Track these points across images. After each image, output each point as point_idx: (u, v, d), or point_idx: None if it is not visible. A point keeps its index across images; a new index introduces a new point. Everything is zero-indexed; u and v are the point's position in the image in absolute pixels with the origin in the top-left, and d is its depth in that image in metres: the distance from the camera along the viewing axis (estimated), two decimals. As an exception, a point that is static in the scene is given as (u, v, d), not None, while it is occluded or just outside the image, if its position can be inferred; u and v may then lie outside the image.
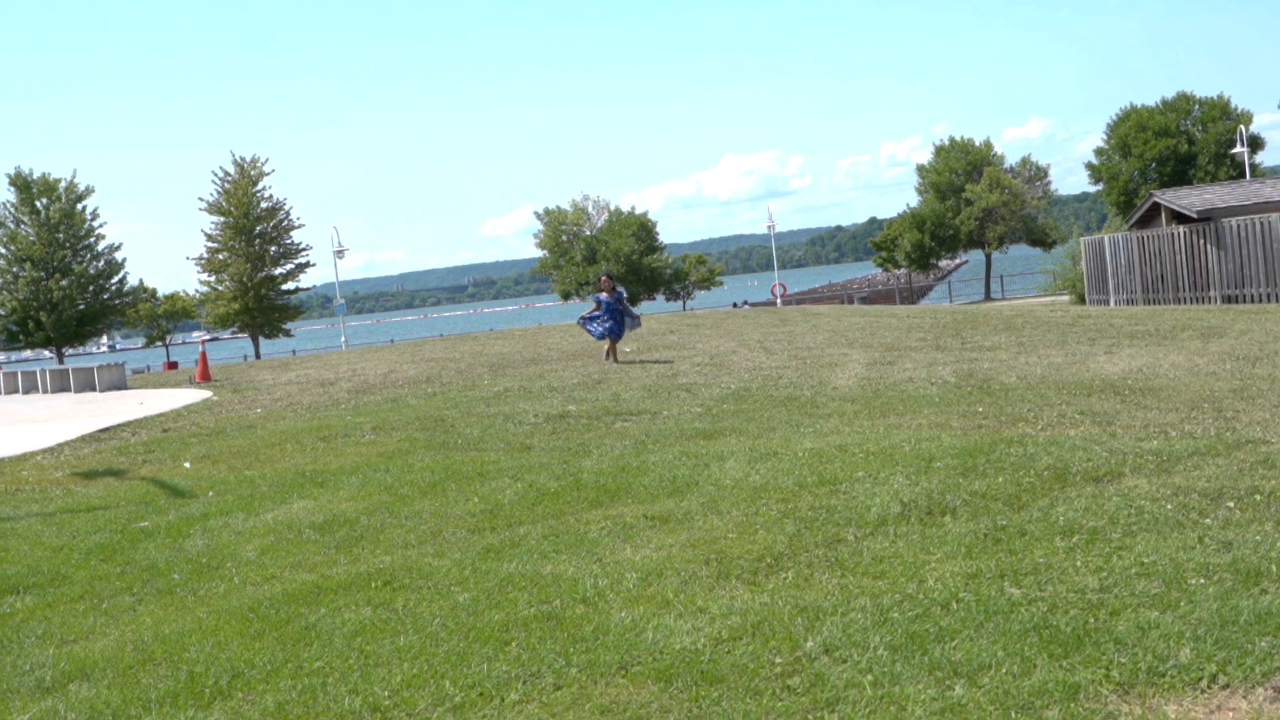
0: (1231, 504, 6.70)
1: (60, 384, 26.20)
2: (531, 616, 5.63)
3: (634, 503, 8.11)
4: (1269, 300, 26.69)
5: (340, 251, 52.64)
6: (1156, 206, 33.20)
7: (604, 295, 19.78)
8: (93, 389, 25.19)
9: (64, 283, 53.88)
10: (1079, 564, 5.72)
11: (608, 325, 19.59)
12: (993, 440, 9.29)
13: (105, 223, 55.77)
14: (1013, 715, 4.02)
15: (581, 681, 4.69)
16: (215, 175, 57.45)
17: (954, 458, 8.64)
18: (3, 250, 54.70)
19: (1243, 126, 54.74)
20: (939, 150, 71.26)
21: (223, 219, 57.26)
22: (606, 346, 19.80)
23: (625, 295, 20.15)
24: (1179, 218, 31.40)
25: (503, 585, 6.27)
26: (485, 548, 7.20)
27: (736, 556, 6.37)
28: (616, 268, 71.14)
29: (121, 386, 25.56)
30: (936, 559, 6.01)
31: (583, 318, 20.31)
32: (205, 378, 25.83)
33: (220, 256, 57.86)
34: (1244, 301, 27.18)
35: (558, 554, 6.84)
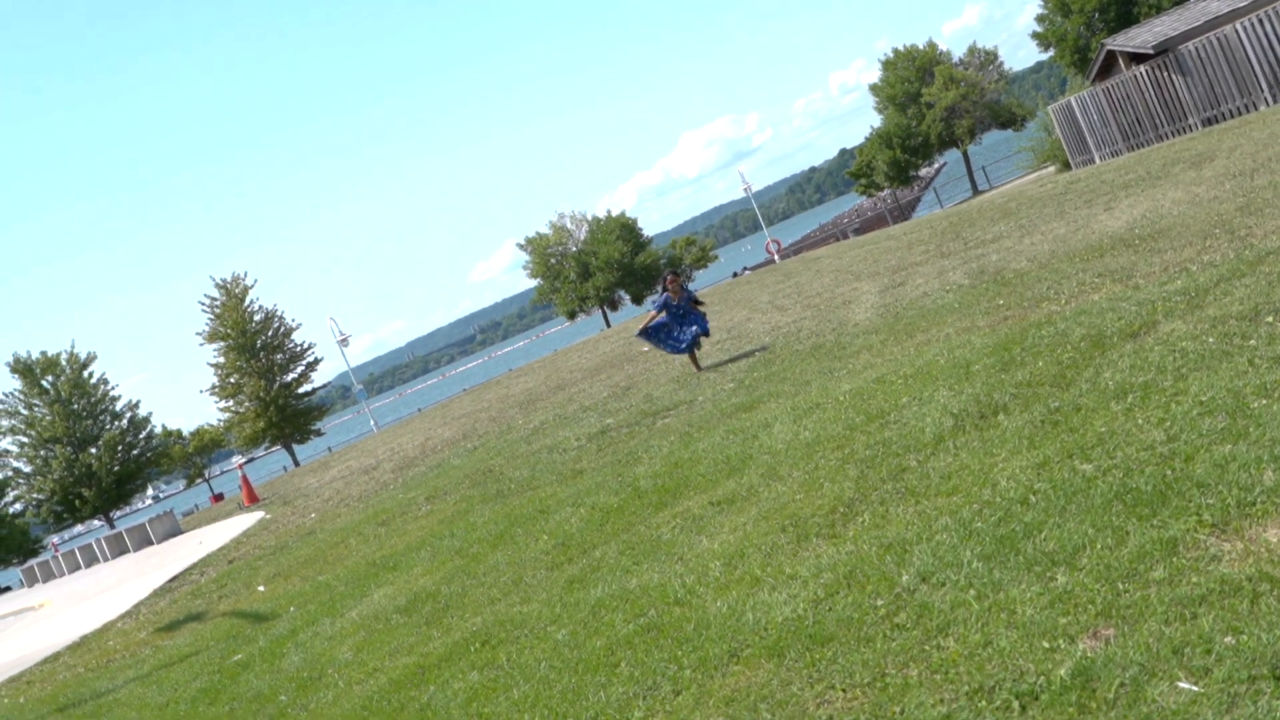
0: (1270, 319, 6.66)
1: (119, 548, 26.39)
2: (632, 633, 5.65)
3: (696, 494, 8.13)
4: (1246, 111, 26.48)
5: (344, 340, 52.82)
6: (1112, 54, 32.98)
7: (672, 298, 15.39)
8: (151, 543, 25.37)
9: (94, 452, 54.26)
10: (1140, 422, 5.70)
11: (688, 334, 15.33)
12: (1022, 328, 9.25)
13: (117, 384, 56.17)
14: (1120, 587, 4.02)
15: (698, 681, 4.71)
16: (203, 304, 57.75)
17: (990, 356, 8.61)
18: (25, 438, 55.09)
19: (1173, -50, 54.25)
20: (886, 65, 70.94)
21: (223, 344, 57.54)
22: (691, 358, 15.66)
23: (695, 294, 15.88)
24: (1136, 58, 31.18)
25: (595, 611, 6.29)
26: (568, 580, 7.23)
27: (810, 516, 6.37)
28: (612, 274, 71.14)
29: (177, 532, 25.74)
30: (1002, 459, 6.00)
31: (647, 329, 15.84)
32: (253, 500, 25.98)
33: (232, 380, 58.14)
34: (1223, 120, 26.97)
35: (638, 565, 6.86)
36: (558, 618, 6.49)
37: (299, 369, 59.38)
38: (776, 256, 58.03)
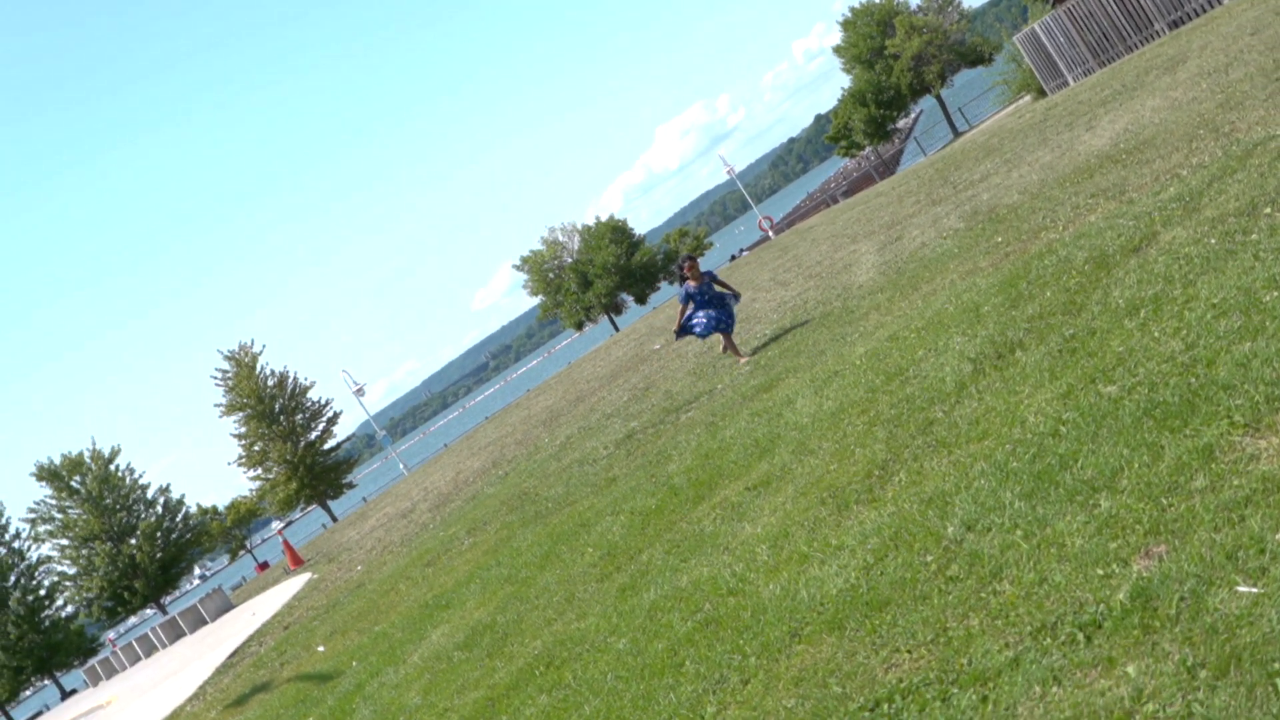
0: (1268, 210, 6.64)
1: (174, 633, 26.52)
2: (691, 630, 5.66)
3: (731, 481, 8.13)
4: (1211, 6, 26.34)
5: (359, 390, 52.95)
6: (1067, -26, 32.81)
7: (691, 284, 14.44)
8: (205, 622, 25.48)
9: (134, 542, 54.52)
10: (1156, 335, 5.69)
11: (712, 315, 14.36)
12: (1025, 262, 9.24)
13: (144, 471, 56.45)
14: (1164, 502, 4.01)
15: (764, 666, 4.71)
16: (215, 378, 57.99)
17: (997, 295, 8.60)
18: (64, 540, 55.36)
19: None
20: (846, 25, 70.77)
21: (242, 414, 57.78)
22: (723, 343, 14.72)
23: (716, 273, 15.05)
24: (1092, -26, 31.01)
25: (651, 615, 6.30)
26: (619, 589, 7.24)
27: (846, 484, 6.37)
28: (611, 279, 71.13)
29: (229, 608, 25.85)
30: (1026, 396, 5.99)
31: (680, 327, 14.88)
32: (298, 563, 26.08)
33: (257, 448, 58.38)
34: (1189, 19, 26.83)
35: (686, 563, 6.87)
36: (616, 627, 6.51)
37: (320, 426, 59.60)
38: (771, 233, 57.94)
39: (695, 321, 14.45)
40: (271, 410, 57.67)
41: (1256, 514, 3.59)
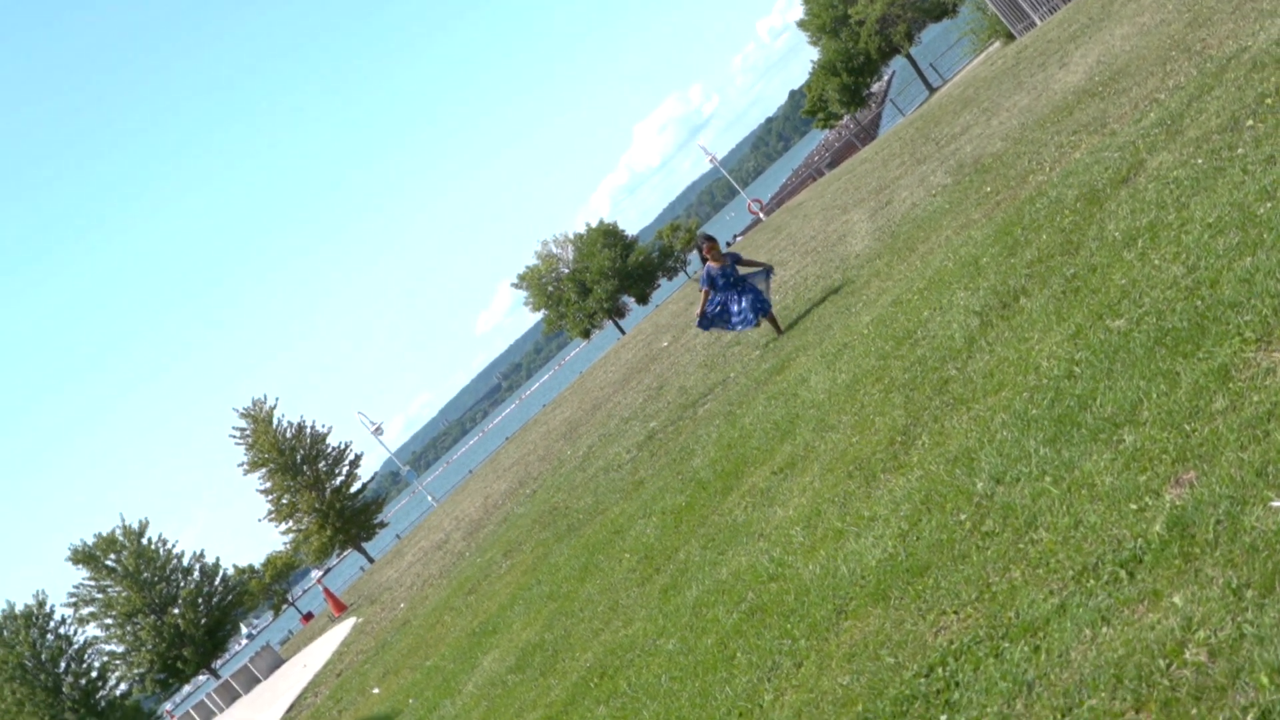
0: (1250, 122, 6.62)
1: (230, 695, 26.61)
2: (737, 622, 5.67)
3: (757, 468, 8.14)
4: (1167, -74, 26.21)
5: (377, 429, 53.05)
6: (1018, -85, 32.71)
7: (714, 266, 12.89)
8: (259, 680, 25.57)
9: (177, 612, 54.68)
10: (1157, 262, 5.68)
11: (744, 305, 12.87)
12: (1017, 208, 9.23)
13: (176, 540, 56.59)
14: (1187, 429, 4.01)
15: (815, 647, 4.72)
16: (234, 436, 58.11)
17: (994, 245, 8.59)
18: (109, 620, 55.54)
19: None
20: (806, -2, 70.66)
21: (264, 469, 57.90)
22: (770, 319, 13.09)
23: (740, 256, 13.33)
24: (1043, -89, 30.92)
25: (696, 612, 6.31)
26: (661, 590, 7.25)
27: (870, 454, 6.37)
28: (610, 283, 71.12)
29: (280, 663, 25.93)
30: (1036, 341, 5.98)
31: (703, 317, 13.35)
32: (341, 609, 26.14)
33: (284, 501, 58.50)
34: (1147, -58, 26.70)
35: (723, 555, 6.88)
36: (663, 629, 6.52)
37: (344, 471, 59.69)
38: (762, 214, 57.91)
39: (733, 315, 12.99)
40: (294, 461, 57.77)
41: (1280, 428, 3.59)
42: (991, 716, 3.32)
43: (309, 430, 58.88)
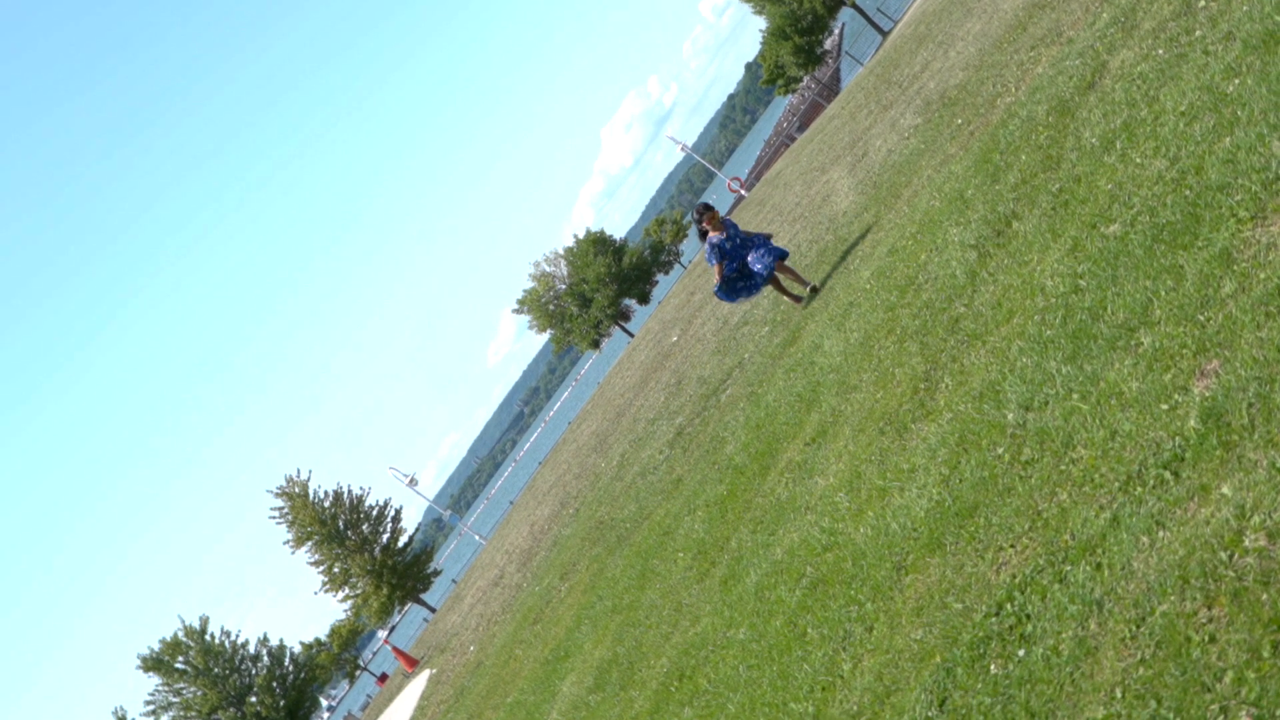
0: (1203, 3, 6.61)
1: (323, 770, 26.73)
2: (801, 598, 5.68)
3: (789, 442, 8.14)
4: None
5: (411, 481, 53.21)
6: None
7: (715, 236, 12.18)
8: (347, 751, 25.65)
9: (254, 700, 54.94)
10: (1139, 161, 5.68)
11: (760, 254, 11.99)
12: (991, 134, 9.22)
13: (239, 630, 56.86)
14: (1201, 319, 4.00)
15: (882, 609, 4.73)
16: (274, 516, 58.31)
17: (976, 176, 8.59)
18: (191, 720, 55.79)
19: None
20: (742, -31, 70.59)
21: (310, 542, 58.09)
22: (777, 286, 12.37)
23: (739, 228, 12.42)
24: None
25: (759, 596, 6.32)
26: (721, 582, 7.27)
27: (898, 407, 6.38)
28: (609, 290, 71.18)
29: (364, 729, 26.00)
30: (1037, 263, 5.98)
31: (724, 284, 12.40)
32: (413, 664, 26.23)
33: (336, 570, 58.69)
34: None
35: (774, 535, 6.89)
36: (730, 620, 6.53)
37: (388, 528, 59.85)
38: (743, 191, 57.87)
39: (755, 273, 12.03)
40: (337, 529, 57.96)
41: (1292, 299, 3.59)
42: (1067, 641, 3.33)
43: (346, 495, 59.06)
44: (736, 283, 12.37)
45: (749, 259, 12.04)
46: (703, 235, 12.40)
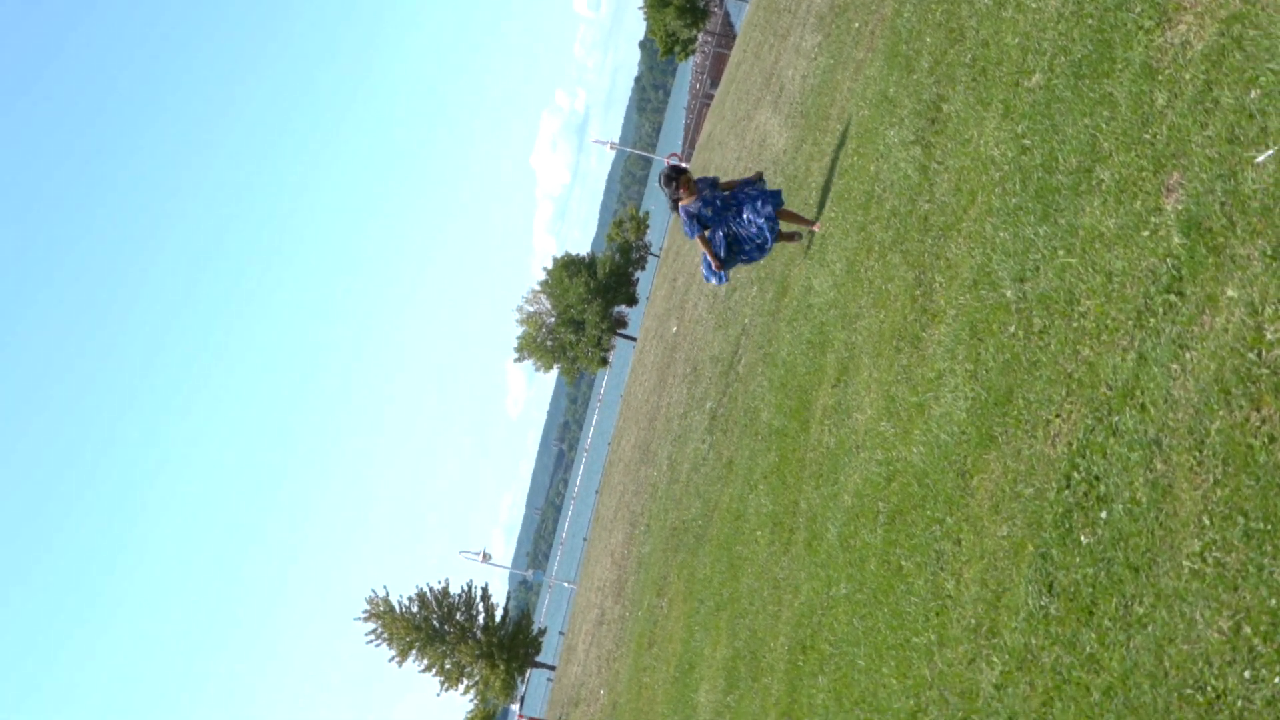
0: None
1: None
2: (884, 535, 5.72)
3: (817, 389, 8.18)
4: None
5: (484, 557, 53.30)
6: None
7: (690, 205, 9.93)
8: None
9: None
10: (1034, 6, 5.70)
11: (755, 213, 9.74)
12: (890, 27, 9.24)
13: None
14: (1147, 138, 4.04)
15: (964, 519, 4.76)
16: (370, 640, 58.36)
17: (892, 73, 8.61)
18: None
19: None
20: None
21: (413, 651, 58.19)
22: (781, 236, 10.22)
23: (718, 179, 10.16)
24: None
25: (845, 547, 6.35)
26: (805, 546, 7.31)
27: (903, 320, 6.40)
28: (596, 307, 71.16)
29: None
30: (979, 136, 6.00)
31: (709, 270, 10.37)
32: (553, 726, 26.31)
33: (448, 666, 58.75)
34: None
35: (837, 484, 6.92)
36: (828, 579, 6.57)
37: (480, 608, 59.91)
38: (683, 162, 57.87)
39: (749, 238, 9.86)
40: (434, 629, 58.04)
41: (1223, 90, 3.62)
42: (1141, 489, 3.36)
43: (429, 594, 59.15)
44: (733, 255, 10.10)
45: (744, 218, 9.79)
46: (674, 205, 10.19)
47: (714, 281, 10.62)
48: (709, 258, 10.06)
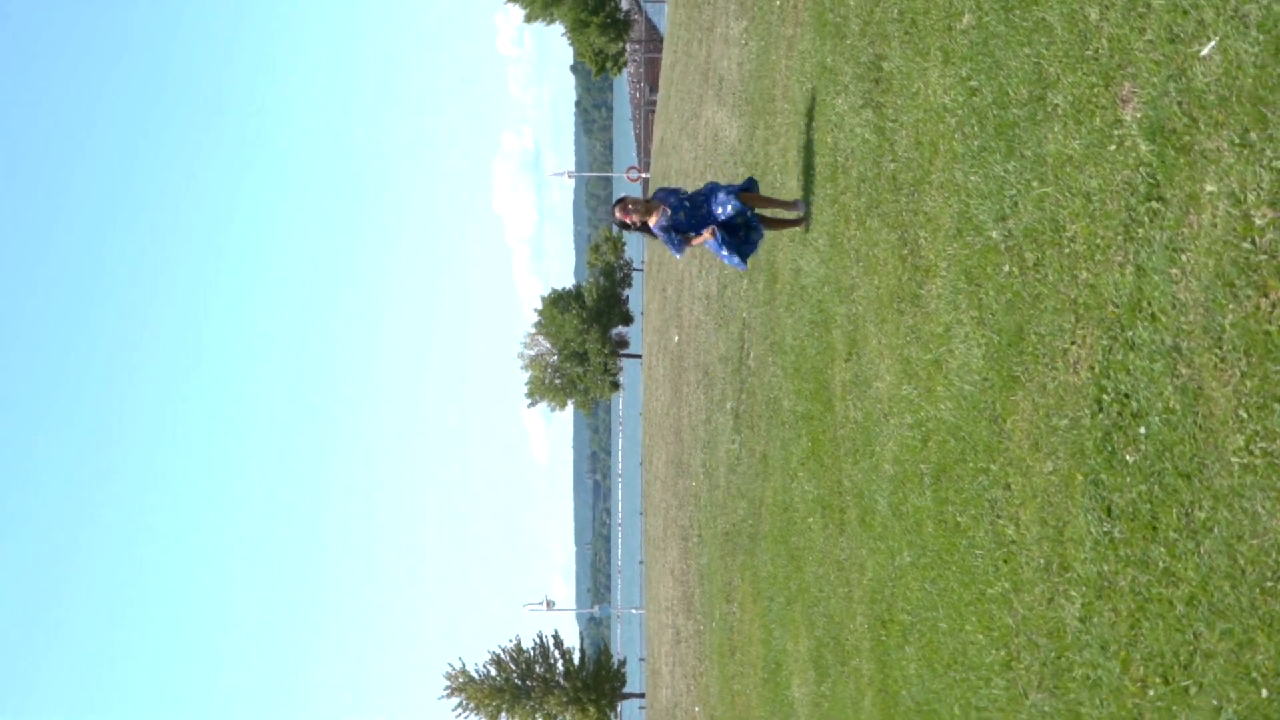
0: None
1: None
2: (934, 495, 5.73)
3: (831, 368, 8.20)
4: None
5: (550, 605, 53.27)
6: None
7: (659, 222, 9.28)
8: None
9: None
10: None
11: (730, 203, 9.12)
12: None
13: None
14: (1089, 53, 4.07)
15: (1008, 463, 4.77)
16: (458, 712, 58.32)
17: (825, 41, 8.66)
18: None
19: None
20: (511, -3, 70.84)
21: (504, 712, 58.11)
22: (772, 224, 9.69)
23: (680, 189, 9.70)
24: None
25: (898, 516, 6.37)
26: (859, 522, 7.32)
27: (898, 284, 6.42)
28: (594, 335, 71.23)
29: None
30: (925, 87, 6.04)
31: (718, 248, 9.39)
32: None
33: (540, 717, 58.63)
34: None
35: (874, 454, 6.94)
36: (891, 549, 6.58)
37: (556, 655, 59.84)
38: (644, 174, 58.01)
39: (736, 241, 9.30)
40: (516, 687, 57.98)
41: (1152, -7, 3.65)
42: (1172, 395, 3.38)
43: (503, 655, 59.10)
44: (743, 244, 9.44)
45: (716, 211, 9.24)
46: (646, 230, 9.56)
47: (735, 262, 9.67)
48: (714, 243, 9.41)
